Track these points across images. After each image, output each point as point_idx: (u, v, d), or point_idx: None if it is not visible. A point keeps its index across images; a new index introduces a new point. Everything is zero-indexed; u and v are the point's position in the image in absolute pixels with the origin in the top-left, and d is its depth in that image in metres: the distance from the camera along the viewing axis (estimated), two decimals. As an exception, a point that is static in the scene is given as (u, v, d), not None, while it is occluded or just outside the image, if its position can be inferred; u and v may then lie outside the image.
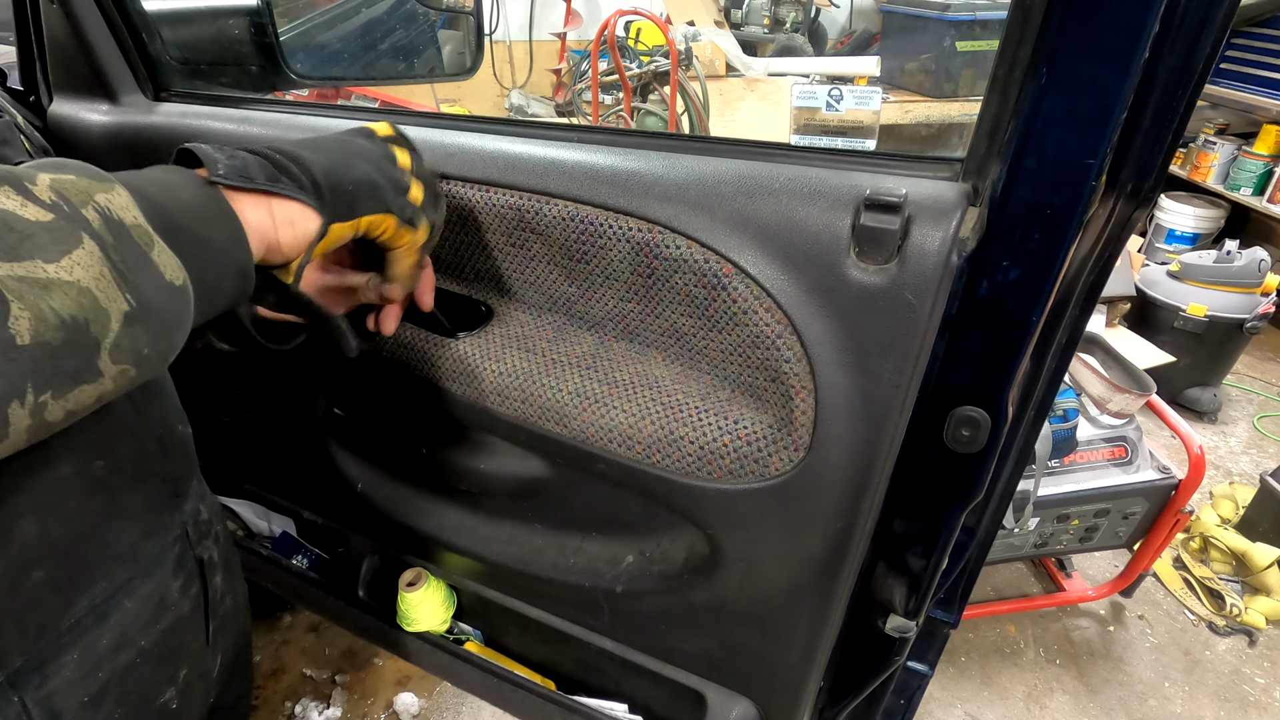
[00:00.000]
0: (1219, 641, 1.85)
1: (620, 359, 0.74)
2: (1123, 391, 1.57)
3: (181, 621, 0.60)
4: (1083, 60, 0.46)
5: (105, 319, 0.36)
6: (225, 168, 0.48)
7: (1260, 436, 2.62)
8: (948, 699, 1.69)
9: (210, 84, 1.05)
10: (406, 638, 1.09)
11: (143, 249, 0.39)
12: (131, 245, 0.39)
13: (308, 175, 0.53)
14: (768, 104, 3.18)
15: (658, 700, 0.99)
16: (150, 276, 0.39)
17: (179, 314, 0.41)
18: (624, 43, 3.31)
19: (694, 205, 0.63)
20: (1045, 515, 1.55)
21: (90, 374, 0.36)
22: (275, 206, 0.50)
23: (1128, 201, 0.54)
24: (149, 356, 0.39)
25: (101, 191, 0.39)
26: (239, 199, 0.48)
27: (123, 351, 0.37)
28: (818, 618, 0.77)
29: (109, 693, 0.53)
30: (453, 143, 0.76)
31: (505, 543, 0.95)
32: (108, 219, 0.38)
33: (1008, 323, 0.56)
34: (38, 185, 0.36)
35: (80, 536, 0.51)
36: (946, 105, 3.67)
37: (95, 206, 0.38)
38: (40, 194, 0.36)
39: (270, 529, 1.27)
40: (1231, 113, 3.37)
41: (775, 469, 0.66)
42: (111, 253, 0.37)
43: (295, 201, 0.51)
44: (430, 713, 1.64)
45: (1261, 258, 2.45)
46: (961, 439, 0.62)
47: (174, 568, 0.59)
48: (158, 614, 0.57)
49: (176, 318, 0.41)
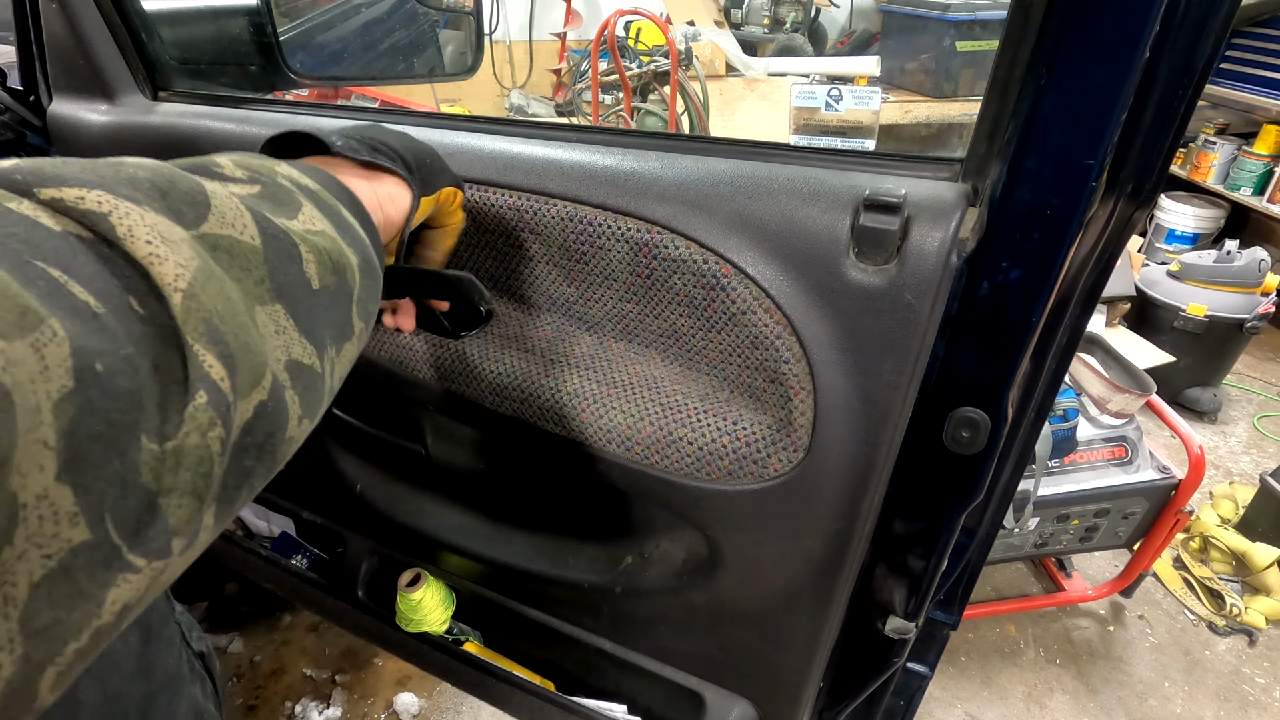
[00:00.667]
0: (1219, 641, 1.85)
1: (619, 359, 0.74)
2: (1123, 391, 1.57)
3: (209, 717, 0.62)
4: (1083, 60, 0.46)
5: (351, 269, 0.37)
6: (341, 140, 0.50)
7: (1260, 436, 2.62)
8: (948, 699, 1.69)
9: (210, 84, 1.05)
10: (406, 638, 1.09)
11: (336, 209, 0.40)
12: (329, 207, 0.39)
13: (397, 153, 0.54)
14: (768, 104, 3.18)
15: (657, 701, 0.99)
16: (354, 234, 0.40)
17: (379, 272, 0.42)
18: (624, 43, 3.31)
19: (693, 205, 0.63)
20: (1045, 515, 1.55)
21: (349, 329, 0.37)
22: (377, 183, 0.52)
23: (1128, 202, 0.54)
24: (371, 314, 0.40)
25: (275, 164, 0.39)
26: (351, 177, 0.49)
27: (362, 306, 0.38)
28: (817, 619, 0.77)
29: None
30: (452, 143, 0.76)
31: (504, 543, 0.95)
32: (300, 186, 0.39)
33: (1008, 323, 0.56)
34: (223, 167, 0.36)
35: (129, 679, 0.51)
36: (946, 105, 3.66)
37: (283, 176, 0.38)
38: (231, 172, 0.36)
39: (270, 529, 1.27)
40: (1231, 113, 3.37)
41: (774, 470, 0.66)
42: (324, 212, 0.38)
43: (393, 176, 0.53)
44: (430, 713, 1.64)
45: (1261, 258, 2.45)
46: (961, 440, 0.62)
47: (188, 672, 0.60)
48: None
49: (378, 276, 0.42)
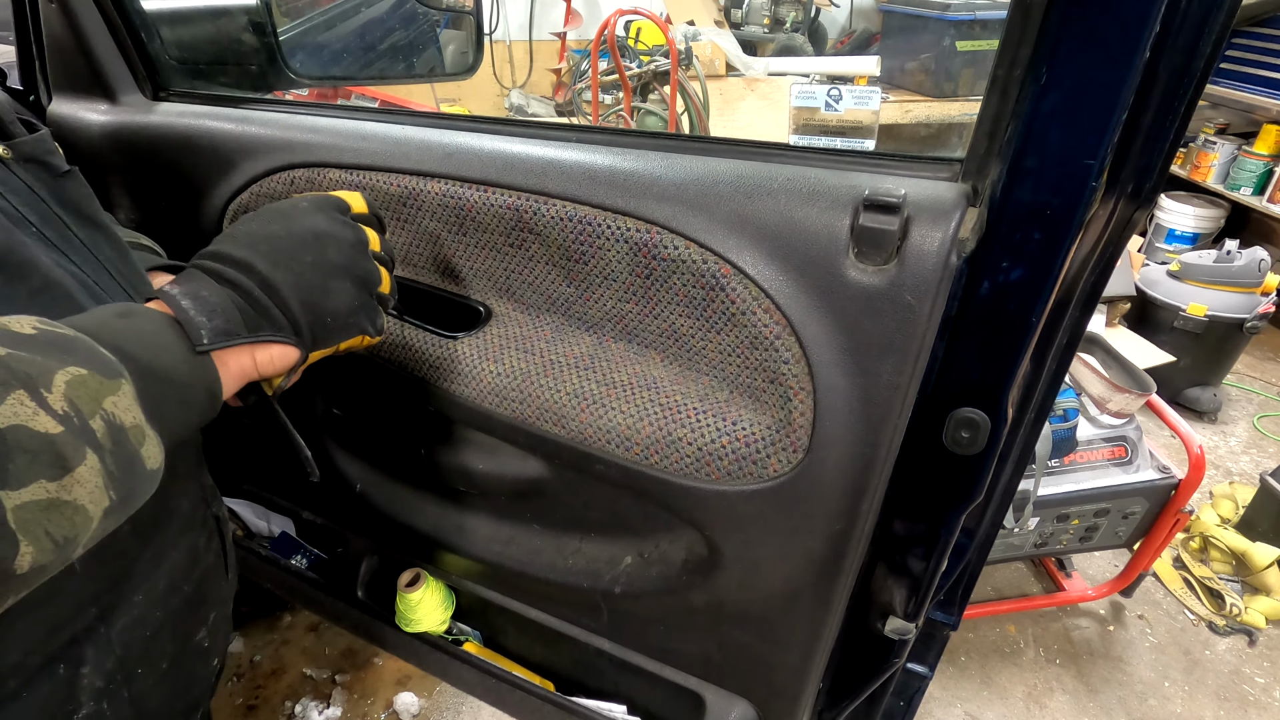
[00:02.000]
0: (1219, 641, 1.85)
1: (618, 360, 0.74)
2: (1123, 391, 1.57)
3: (209, 571, 0.68)
4: (1083, 60, 0.46)
5: (89, 524, 0.39)
6: (209, 332, 0.51)
7: (1260, 436, 2.62)
8: (947, 699, 1.69)
9: (210, 83, 1.05)
10: (405, 638, 1.09)
11: (135, 448, 0.42)
12: (126, 448, 0.41)
13: (288, 314, 0.56)
14: (767, 104, 3.18)
15: (656, 701, 0.99)
16: (135, 473, 0.42)
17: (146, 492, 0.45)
18: (624, 42, 3.31)
19: (693, 205, 0.63)
20: (1045, 515, 1.55)
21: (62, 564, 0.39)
22: (258, 351, 0.55)
23: (1128, 202, 0.54)
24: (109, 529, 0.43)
25: (110, 394, 0.41)
26: (223, 355, 0.53)
27: (93, 539, 0.41)
28: (817, 619, 0.77)
29: (164, 630, 0.61)
30: (452, 143, 0.76)
31: (504, 543, 0.95)
32: (111, 425, 0.40)
33: (1008, 323, 0.56)
34: (53, 393, 0.37)
35: None
36: (946, 105, 3.66)
37: (103, 415, 0.40)
38: (54, 403, 0.37)
39: (270, 529, 1.27)
40: (1231, 113, 3.37)
41: (774, 470, 0.66)
42: (108, 460, 0.40)
43: (277, 344, 0.56)
44: (430, 713, 1.64)
45: (1261, 257, 2.45)
46: (961, 441, 0.61)
47: (200, 524, 0.67)
48: (193, 565, 0.65)
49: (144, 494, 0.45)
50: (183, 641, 0.64)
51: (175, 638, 0.62)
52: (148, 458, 0.43)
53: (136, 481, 0.43)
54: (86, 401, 0.39)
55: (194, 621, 0.66)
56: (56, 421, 0.37)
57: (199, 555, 0.66)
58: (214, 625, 0.69)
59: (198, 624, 0.66)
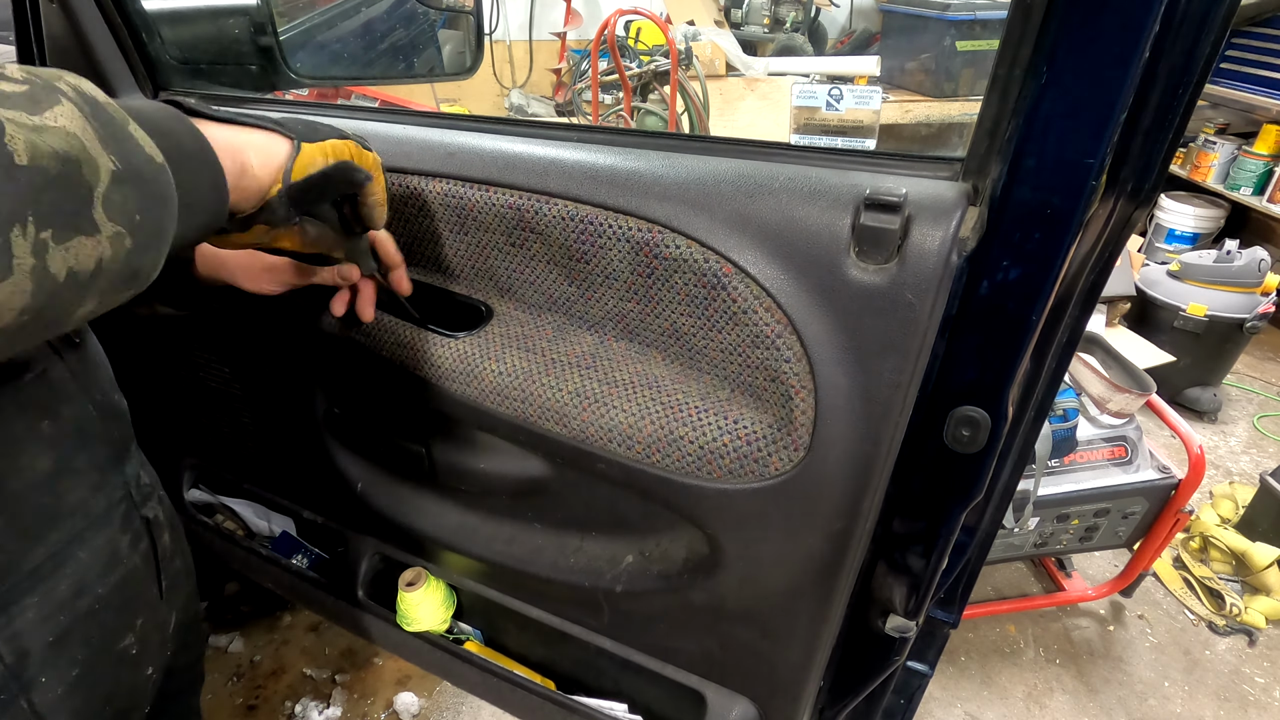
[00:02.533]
0: (1219, 641, 1.85)
1: (620, 359, 0.74)
2: (1123, 391, 1.57)
3: (134, 574, 0.64)
4: (1083, 60, 0.46)
5: (95, 167, 0.37)
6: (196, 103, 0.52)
7: (1260, 436, 2.62)
8: (947, 699, 1.69)
9: (210, 83, 1.05)
10: (406, 638, 1.09)
11: (120, 122, 0.40)
12: (108, 117, 0.40)
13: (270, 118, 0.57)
14: (768, 104, 3.18)
15: (657, 700, 0.99)
16: (131, 146, 0.40)
17: (164, 190, 0.42)
18: (624, 42, 3.31)
19: (694, 205, 0.63)
20: (1045, 515, 1.55)
21: (87, 224, 0.37)
22: (244, 132, 0.54)
23: (1128, 201, 0.54)
24: (141, 225, 0.40)
25: (70, 76, 0.40)
26: (206, 124, 0.51)
27: (115, 207, 0.38)
28: (818, 617, 0.77)
29: (73, 635, 0.57)
30: (453, 142, 0.76)
31: (505, 542, 0.95)
32: (81, 93, 0.39)
33: (1008, 322, 0.56)
34: (6, 69, 0.37)
35: (33, 489, 0.54)
36: (946, 105, 3.67)
37: (67, 82, 0.39)
38: (11, 72, 0.37)
39: (270, 529, 1.27)
40: (1231, 113, 3.37)
41: (775, 469, 0.66)
42: (90, 119, 0.38)
43: (262, 130, 0.55)
44: (430, 712, 1.64)
45: (1261, 257, 2.45)
46: (961, 439, 0.62)
47: (122, 524, 0.63)
48: (110, 565, 0.61)
49: (162, 193, 0.42)
50: (99, 649, 0.60)
51: (88, 644, 0.59)
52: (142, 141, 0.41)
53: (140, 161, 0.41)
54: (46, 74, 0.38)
55: (115, 627, 0.62)
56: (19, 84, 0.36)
57: (119, 557, 0.62)
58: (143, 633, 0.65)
59: (120, 630, 0.63)
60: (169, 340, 1.11)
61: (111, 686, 0.62)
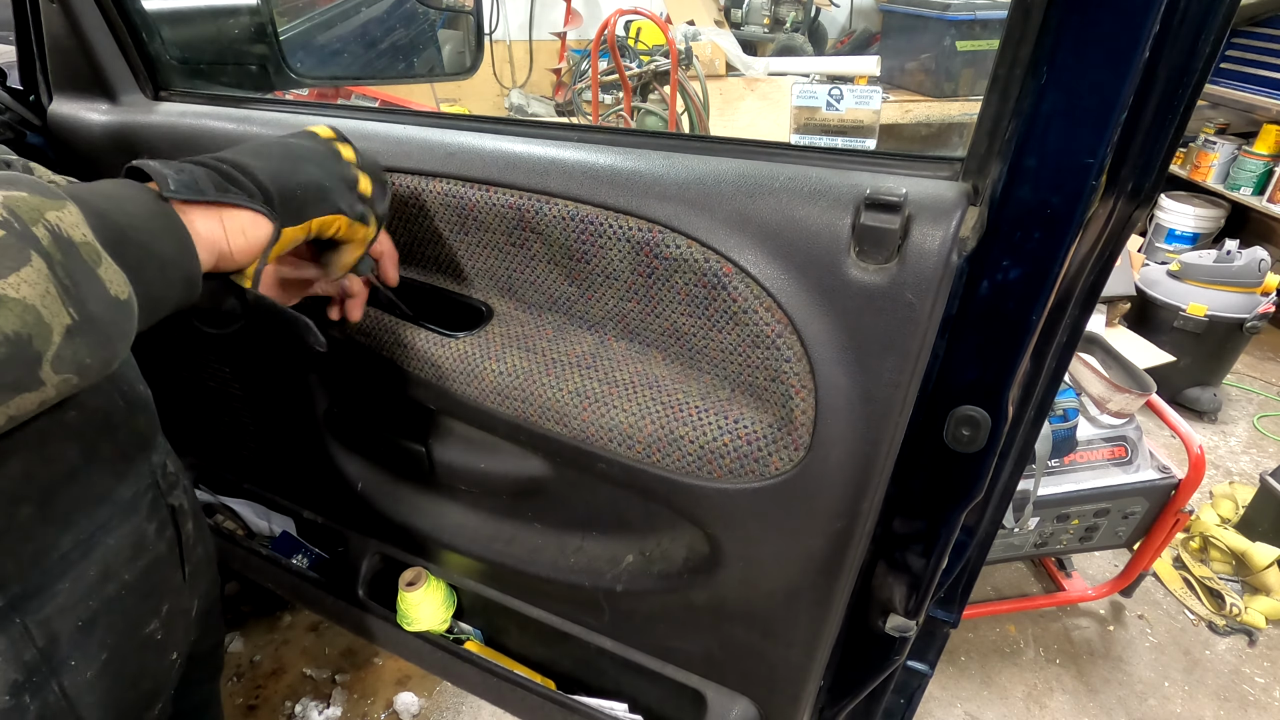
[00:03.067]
0: (1219, 641, 1.85)
1: (620, 358, 0.74)
2: (1123, 391, 1.57)
3: (159, 561, 0.66)
4: (1083, 60, 0.46)
5: (47, 333, 0.38)
6: (175, 183, 0.51)
7: (1260, 436, 2.62)
8: (947, 698, 1.69)
9: (210, 83, 1.05)
10: (406, 637, 1.09)
11: (89, 265, 0.41)
12: (79, 262, 0.41)
13: (255, 183, 0.56)
14: (768, 103, 3.18)
15: (658, 700, 1.00)
16: (95, 292, 0.41)
17: (122, 325, 0.44)
18: (624, 42, 3.31)
19: (694, 205, 0.63)
20: (1045, 515, 1.55)
21: (32, 383, 0.38)
22: (226, 216, 0.54)
23: (1128, 201, 0.54)
24: (90, 365, 0.42)
25: (53, 209, 0.40)
26: (190, 212, 0.52)
27: (64, 362, 0.40)
28: (818, 617, 0.77)
29: (99, 620, 0.59)
30: (453, 142, 0.76)
31: (505, 542, 0.95)
32: (57, 236, 0.40)
33: (1008, 322, 0.56)
34: None
35: (62, 477, 0.55)
36: (946, 105, 3.67)
37: (46, 224, 0.40)
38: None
39: (270, 529, 1.27)
40: (1231, 113, 3.37)
41: (775, 468, 0.66)
42: (58, 269, 0.39)
43: (246, 210, 0.55)
44: (430, 712, 1.64)
45: (1261, 257, 2.45)
46: (961, 438, 0.62)
47: (148, 512, 0.64)
48: (137, 552, 0.63)
49: (120, 329, 0.44)
50: (125, 633, 0.62)
51: (114, 629, 0.60)
52: (109, 282, 0.42)
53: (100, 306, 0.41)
54: (26, 211, 0.38)
55: (141, 613, 0.63)
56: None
57: (145, 544, 0.64)
58: (168, 617, 0.67)
59: (146, 615, 0.64)
60: (169, 340, 1.11)
61: (138, 670, 0.64)
